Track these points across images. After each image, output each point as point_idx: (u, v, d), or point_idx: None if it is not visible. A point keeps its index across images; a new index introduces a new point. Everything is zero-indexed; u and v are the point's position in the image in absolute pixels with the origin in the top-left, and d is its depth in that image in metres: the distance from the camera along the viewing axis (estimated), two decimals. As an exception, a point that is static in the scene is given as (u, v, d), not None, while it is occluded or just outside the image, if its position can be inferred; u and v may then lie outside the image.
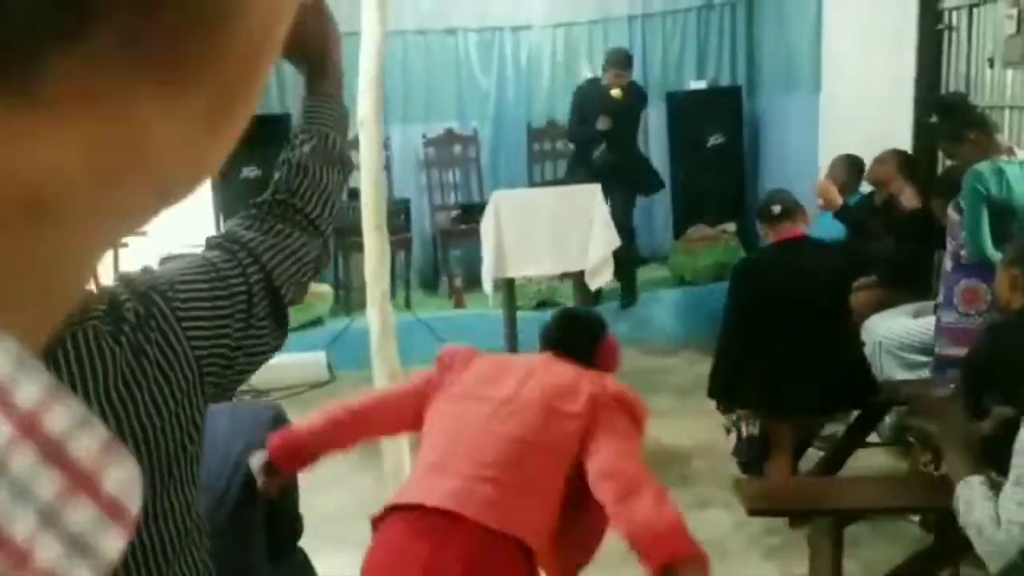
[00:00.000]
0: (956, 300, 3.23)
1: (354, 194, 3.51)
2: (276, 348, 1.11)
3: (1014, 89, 4.38)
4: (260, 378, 5.26)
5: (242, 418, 2.20)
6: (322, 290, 5.67)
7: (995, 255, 2.96)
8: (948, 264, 3.31)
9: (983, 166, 3.14)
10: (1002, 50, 4.29)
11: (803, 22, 5.77)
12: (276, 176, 1.21)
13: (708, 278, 5.85)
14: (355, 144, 4.10)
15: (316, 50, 1.22)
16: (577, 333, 2.17)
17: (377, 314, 3.34)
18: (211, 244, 1.12)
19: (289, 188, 1.18)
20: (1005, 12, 4.25)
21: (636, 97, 5.56)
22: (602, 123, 5.33)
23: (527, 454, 1.89)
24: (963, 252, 3.21)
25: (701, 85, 6.18)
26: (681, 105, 6.27)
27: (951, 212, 3.31)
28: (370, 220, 3.27)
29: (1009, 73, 4.37)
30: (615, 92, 5.34)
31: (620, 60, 5.49)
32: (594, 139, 5.44)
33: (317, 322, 5.57)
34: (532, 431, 1.91)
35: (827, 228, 3.89)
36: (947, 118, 3.41)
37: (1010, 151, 3.23)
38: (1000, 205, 3.10)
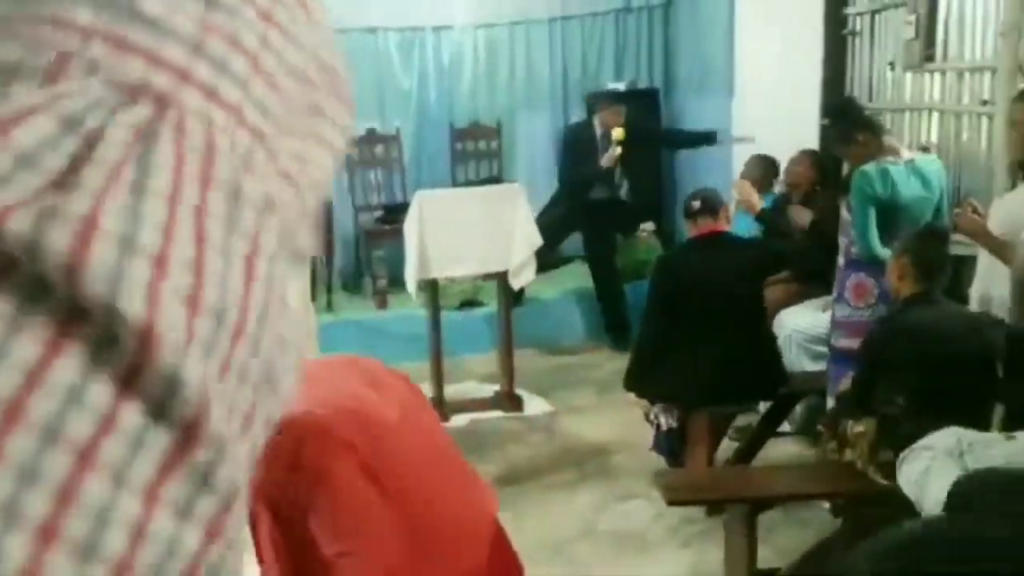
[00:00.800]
0: (848, 294, 3.38)
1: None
2: None
3: (913, 91, 4.59)
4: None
5: None
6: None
7: (883, 252, 3.11)
8: (841, 260, 3.46)
9: (869, 167, 3.30)
10: (902, 54, 4.50)
11: (716, 26, 5.92)
12: None
13: (629, 276, 5.96)
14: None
15: None
16: None
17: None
18: None
19: None
20: (904, 18, 4.45)
21: (638, 128, 5.55)
22: (606, 160, 5.36)
23: None
24: (853, 249, 3.36)
25: (620, 87, 6.29)
26: (600, 106, 6.35)
27: (843, 211, 3.46)
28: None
29: (908, 76, 4.58)
30: (617, 132, 5.33)
31: (611, 96, 5.56)
32: (595, 178, 5.49)
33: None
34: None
35: (745, 227, 4.02)
36: (838, 121, 3.57)
37: (896, 152, 3.39)
38: (886, 204, 3.26)
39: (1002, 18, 3.84)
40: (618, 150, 5.31)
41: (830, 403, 3.32)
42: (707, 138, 5.44)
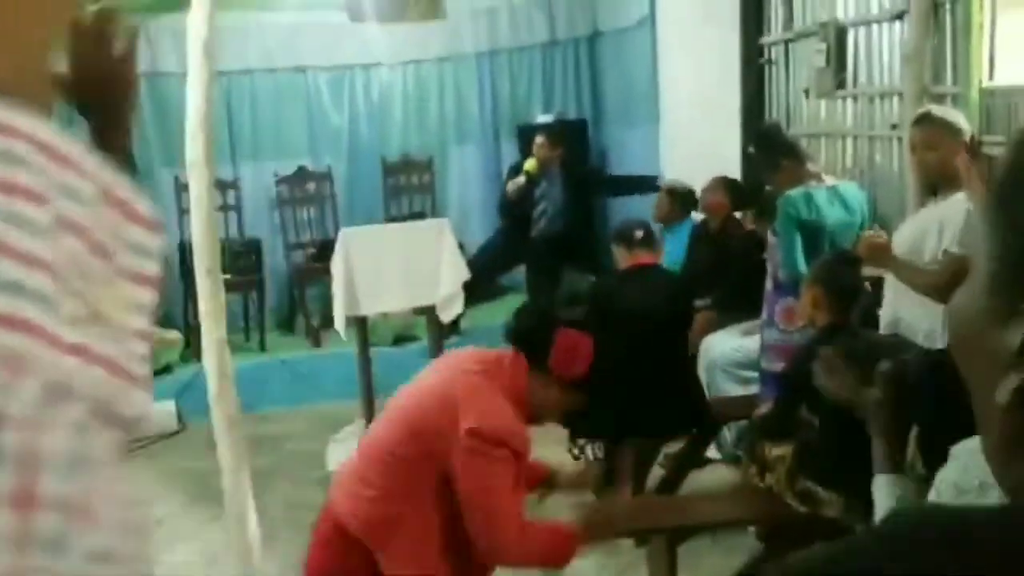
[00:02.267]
0: (777, 318, 3.41)
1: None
2: None
3: (827, 117, 4.69)
4: (103, 432, 5.01)
5: None
6: (171, 336, 5.47)
7: None
8: (769, 284, 3.50)
9: (794, 192, 3.35)
10: (815, 82, 4.61)
11: (640, 59, 6.03)
12: None
13: (565, 304, 5.97)
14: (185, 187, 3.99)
15: (112, 106, 1.16)
16: (524, 325, 2.07)
17: (214, 361, 3.24)
18: None
19: None
20: (815, 47, 4.56)
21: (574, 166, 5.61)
22: (511, 186, 5.36)
23: (396, 465, 1.93)
24: (781, 273, 3.39)
25: (548, 119, 6.35)
26: (531, 138, 6.40)
27: (769, 236, 3.50)
28: (202, 263, 3.18)
29: (822, 102, 4.68)
30: (528, 163, 5.36)
31: (545, 129, 5.66)
32: (507, 208, 5.48)
33: (166, 369, 5.37)
34: (397, 444, 1.94)
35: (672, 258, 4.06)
36: (762, 148, 3.62)
37: (818, 177, 3.46)
38: (811, 228, 3.31)
39: (905, 45, 3.96)
40: (521, 179, 5.35)
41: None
42: (647, 184, 5.47)
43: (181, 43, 5.68)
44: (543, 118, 6.39)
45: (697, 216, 4.73)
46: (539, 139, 5.51)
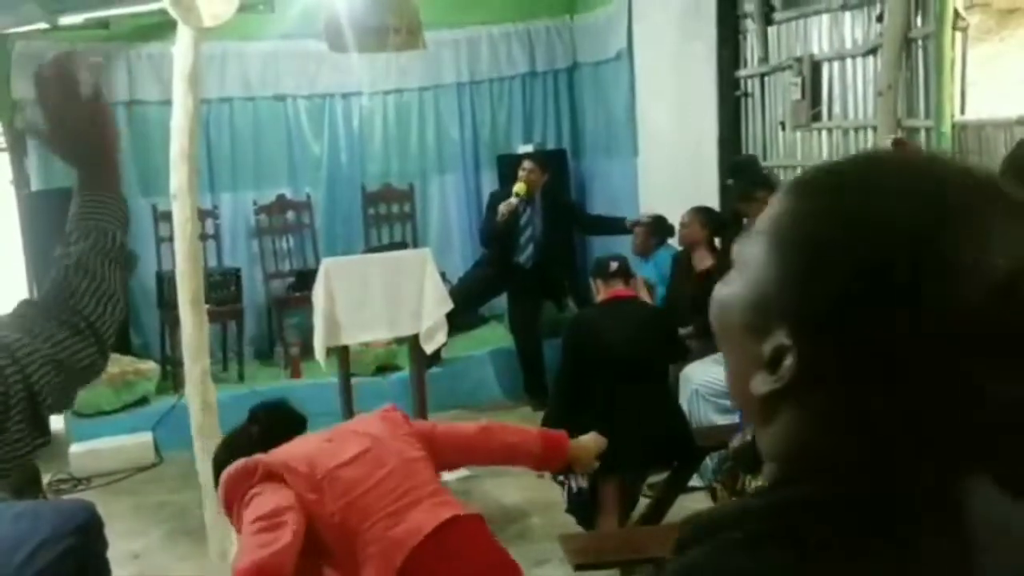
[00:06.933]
0: None
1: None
2: (32, 453, 1.06)
3: (803, 149, 4.78)
4: (79, 465, 4.93)
5: (24, 525, 2.10)
6: (147, 367, 5.42)
7: None
8: None
9: None
10: (790, 114, 4.69)
11: (619, 91, 6.10)
12: (54, 274, 1.14)
13: (548, 334, 5.99)
14: (168, 217, 3.98)
15: (93, 148, 1.17)
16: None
17: (197, 392, 3.23)
18: None
19: (69, 288, 1.12)
20: (791, 80, 4.65)
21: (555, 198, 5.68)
22: (503, 207, 5.38)
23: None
24: None
25: (528, 148, 6.40)
26: (511, 167, 6.44)
27: None
28: (186, 294, 3.18)
29: (798, 134, 4.77)
30: (518, 187, 5.40)
31: (531, 157, 5.70)
32: (496, 233, 5.52)
33: (143, 401, 5.31)
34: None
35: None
36: (738, 179, 3.68)
37: None
38: None
39: (879, 79, 4.05)
40: (513, 201, 5.38)
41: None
42: (620, 226, 5.51)
43: (160, 71, 5.74)
44: (523, 148, 6.44)
45: (675, 244, 4.79)
46: (528, 164, 5.55)
